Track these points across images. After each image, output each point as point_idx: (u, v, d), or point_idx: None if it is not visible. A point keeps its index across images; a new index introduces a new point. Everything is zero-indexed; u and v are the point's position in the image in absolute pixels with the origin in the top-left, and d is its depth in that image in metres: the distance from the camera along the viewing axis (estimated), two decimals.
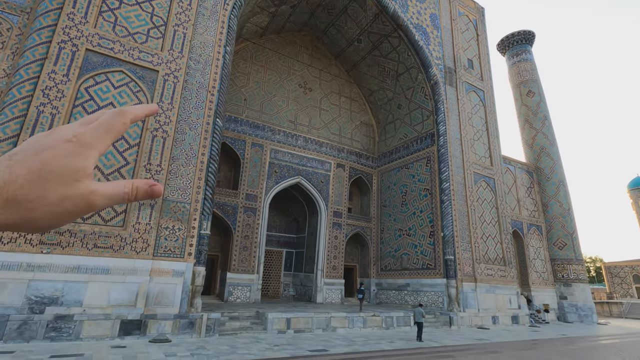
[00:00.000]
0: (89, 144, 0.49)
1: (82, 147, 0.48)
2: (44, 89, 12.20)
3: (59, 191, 0.45)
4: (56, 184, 0.45)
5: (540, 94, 34.87)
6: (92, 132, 0.50)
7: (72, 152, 0.47)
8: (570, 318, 27.96)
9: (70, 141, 0.48)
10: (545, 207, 31.65)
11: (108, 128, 0.51)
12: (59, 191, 0.45)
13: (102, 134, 0.51)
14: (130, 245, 12.36)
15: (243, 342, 12.07)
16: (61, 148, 0.47)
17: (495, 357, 11.15)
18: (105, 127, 0.51)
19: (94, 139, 0.50)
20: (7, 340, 9.91)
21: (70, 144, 0.48)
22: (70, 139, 0.48)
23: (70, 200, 0.46)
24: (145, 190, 0.54)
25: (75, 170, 0.47)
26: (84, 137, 0.49)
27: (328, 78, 29.17)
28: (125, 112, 0.54)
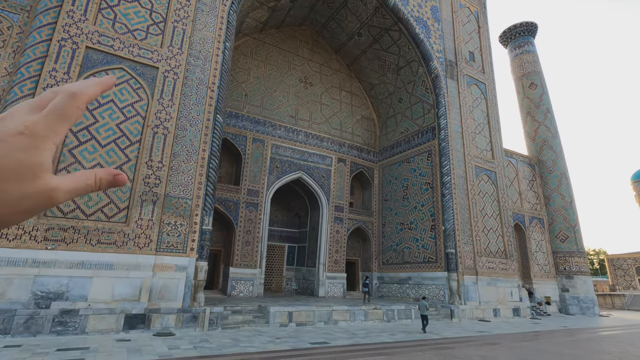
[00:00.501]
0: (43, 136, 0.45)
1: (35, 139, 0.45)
2: (45, 87, 12.28)
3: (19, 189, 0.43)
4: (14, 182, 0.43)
5: (543, 86, 34.62)
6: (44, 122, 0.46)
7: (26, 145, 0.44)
8: (572, 310, 28.06)
9: (22, 133, 0.44)
10: (547, 200, 31.60)
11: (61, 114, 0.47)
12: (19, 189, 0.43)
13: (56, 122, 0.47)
14: (133, 240, 12.53)
15: (245, 335, 12.25)
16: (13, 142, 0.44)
17: (494, 349, 11.28)
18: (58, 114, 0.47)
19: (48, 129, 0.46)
20: (14, 335, 10.13)
21: (23, 137, 0.44)
22: (22, 130, 0.44)
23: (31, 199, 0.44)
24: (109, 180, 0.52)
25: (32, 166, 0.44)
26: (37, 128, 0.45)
27: (328, 72, 29.09)
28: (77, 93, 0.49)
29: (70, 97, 0.48)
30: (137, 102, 13.95)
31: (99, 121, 13.03)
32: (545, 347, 11.96)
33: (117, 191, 12.76)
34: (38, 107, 0.48)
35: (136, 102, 13.94)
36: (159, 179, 13.55)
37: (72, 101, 0.48)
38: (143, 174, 13.28)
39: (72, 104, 0.48)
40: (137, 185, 13.09)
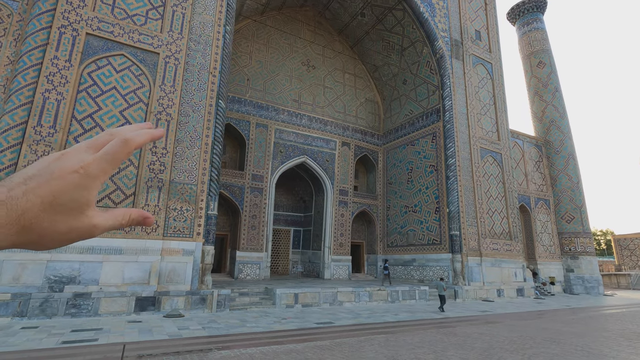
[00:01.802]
0: (95, 176, 0.52)
1: (88, 179, 0.51)
2: (48, 75, 12.34)
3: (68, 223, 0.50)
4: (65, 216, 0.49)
5: (551, 64, 33.80)
6: (97, 164, 0.52)
7: (79, 184, 0.50)
8: (576, 290, 28.25)
9: (77, 172, 0.50)
10: (554, 181, 31.35)
11: (112, 159, 0.53)
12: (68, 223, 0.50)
13: (107, 164, 0.53)
14: (141, 226, 12.77)
15: (252, 316, 12.61)
16: (69, 179, 0.50)
17: (493, 327, 11.50)
18: (110, 158, 0.53)
19: (99, 170, 0.52)
20: (30, 317, 10.56)
21: (77, 175, 0.50)
22: (77, 169, 0.50)
23: (76, 231, 0.51)
24: (138, 221, 0.58)
25: (81, 204, 0.51)
26: (90, 169, 0.51)
27: (331, 55, 28.66)
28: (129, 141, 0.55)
29: (123, 143, 0.54)
30: (139, 89, 13.97)
31: (102, 108, 13.12)
32: (546, 325, 12.15)
33: (123, 178, 12.95)
34: (94, 147, 0.54)
35: (138, 89, 13.96)
36: (164, 165, 13.70)
37: (124, 147, 0.54)
38: (148, 161, 13.43)
39: (123, 150, 0.54)
40: (143, 172, 13.27)
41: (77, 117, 12.68)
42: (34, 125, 11.84)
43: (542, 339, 9.67)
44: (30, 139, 11.69)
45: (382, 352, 7.88)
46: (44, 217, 0.48)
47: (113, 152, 0.53)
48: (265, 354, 7.50)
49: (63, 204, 0.49)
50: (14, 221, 0.46)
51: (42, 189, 0.48)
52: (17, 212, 0.46)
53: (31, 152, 11.63)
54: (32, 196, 0.47)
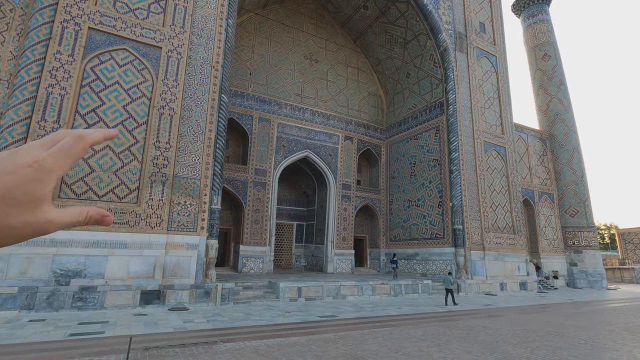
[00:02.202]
0: (49, 170, 0.51)
1: (42, 172, 0.50)
2: (51, 69, 12.35)
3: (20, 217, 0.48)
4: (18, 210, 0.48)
5: (557, 57, 33.43)
6: (52, 158, 0.51)
7: (33, 178, 0.49)
8: (580, 284, 28.23)
9: (31, 166, 0.49)
10: (558, 175, 31.19)
11: (68, 152, 0.53)
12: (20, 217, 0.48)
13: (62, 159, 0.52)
14: (145, 220, 12.88)
15: (256, 309, 12.71)
16: (22, 173, 0.49)
17: (496, 320, 11.53)
18: (65, 152, 0.53)
19: (54, 164, 0.51)
20: (38, 310, 10.70)
21: (31, 170, 0.49)
22: (31, 164, 0.49)
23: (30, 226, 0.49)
24: (97, 219, 0.57)
25: (35, 198, 0.49)
26: (45, 163, 0.50)
27: (334, 48, 28.47)
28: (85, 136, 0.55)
29: (79, 138, 0.55)
30: (142, 84, 13.96)
31: (106, 103, 13.13)
32: (549, 319, 12.17)
33: (127, 172, 13.00)
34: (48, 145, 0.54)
35: (141, 84, 13.95)
36: (167, 159, 13.74)
37: (79, 142, 0.54)
38: (151, 155, 13.46)
39: (79, 144, 0.54)
40: (146, 167, 13.31)
41: (80, 112, 12.71)
42: (38, 120, 11.88)
43: (545, 332, 9.69)
44: (34, 134, 11.74)
45: (386, 344, 7.93)
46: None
47: (68, 147, 0.53)
48: (270, 346, 7.57)
49: (15, 198, 0.48)
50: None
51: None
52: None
53: None
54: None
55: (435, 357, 7.01)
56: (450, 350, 7.58)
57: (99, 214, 0.57)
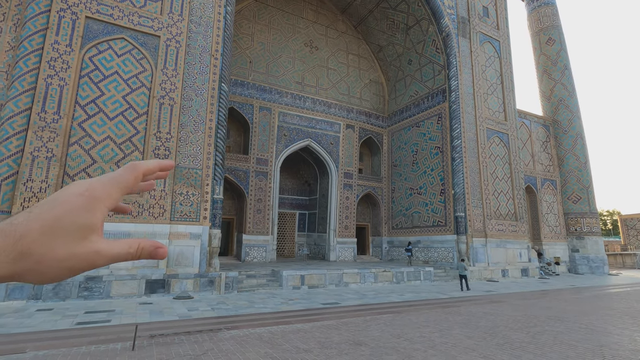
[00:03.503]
0: (99, 198, 0.50)
1: (92, 201, 0.49)
2: (49, 60, 12.25)
3: (67, 248, 0.47)
4: (66, 240, 0.47)
5: (561, 41, 32.83)
6: (102, 186, 0.51)
7: (83, 206, 0.49)
8: (581, 270, 28.36)
9: (82, 195, 0.49)
10: (561, 161, 31.00)
11: (119, 182, 0.53)
12: (67, 248, 0.47)
13: (113, 188, 0.52)
14: (148, 210, 12.94)
15: (260, 297, 12.86)
16: (73, 202, 0.48)
17: (497, 306, 11.63)
18: (116, 182, 0.52)
19: (104, 193, 0.51)
20: (45, 299, 10.87)
21: (82, 198, 0.49)
22: (82, 192, 0.49)
23: (76, 258, 0.48)
24: (149, 252, 0.54)
25: (84, 227, 0.48)
26: (95, 191, 0.50)
27: (335, 35, 28.06)
28: (137, 167, 0.55)
29: (131, 168, 0.55)
30: (141, 73, 13.85)
31: (105, 93, 13.06)
32: (550, 304, 12.27)
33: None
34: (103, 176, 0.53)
35: (140, 73, 13.84)
36: (168, 150, 13.72)
37: (131, 172, 0.54)
38: (152, 146, 13.45)
39: (130, 174, 0.54)
40: (148, 157, 13.30)
41: (80, 102, 12.65)
42: (38, 111, 11.84)
43: (546, 318, 9.77)
44: (35, 125, 11.72)
45: (388, 330, 8.03)
46: (43, 242, 0.46)
47: (120, 177, 0.53)
48: (274, 333, 7.68)
49: (64, 227, 0.47)
50: (10, 247, 0.44)
51: (45, 214, 0.47)
52: (15, 238, 0.45)
53: (37, 139, 11.68)
54: (32, 222, 0.46)
55: (437, 342, 7.10)
56: (452, 335, 7.66)
57: (152, 247, 0.54)
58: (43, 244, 0.46)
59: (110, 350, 6.25)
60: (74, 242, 0.47)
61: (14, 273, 0.45)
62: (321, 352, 6.30)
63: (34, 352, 6.02)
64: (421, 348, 6.68)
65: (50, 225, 0.46)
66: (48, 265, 0.46)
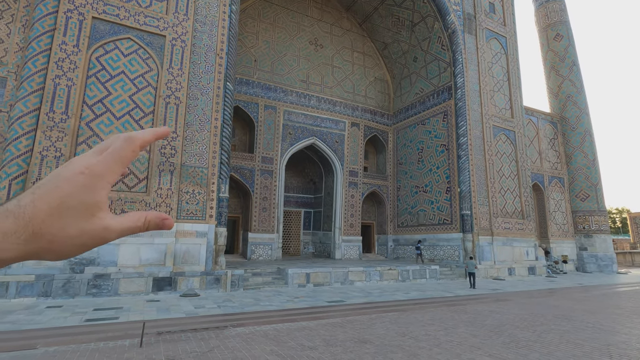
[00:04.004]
0: (100, 175, 0.51)
1: (93, 178, 0.50)
2: (57, 60, 12.40)
3: (78, 226, 0.49)
4: (74, 219, 0.48)
5: (569, 37, 32.40)
6: (102, 163, 0.52)
7: (85, 184, 0.49)
8: (589, 268, 28.07)
9: (82, 173, 0.50)
10: (569, 159, 30.67)
11: (118, 157, 0.53)
12: (78, 226, 0.49)
13: (113, 163, 0.52)
14: (154, 209, 13.06)
15: (265, 295, 12.94)
16: (76, 181, 0.49)
17: (504, 305, 11.58)
18: (115, 157, 0.53)
19: (105, 169, 0.51)
20: (55, 297, 11.04)
21: (83, 177, 0.50)
22: (83, 170, 0.50)
23: (87, 234, 0.49)
24: (156, 223, 0.56)
25: (90, 205, 0.49)
26: (95, 169, 0.51)
27: (339, 33, 27.99)
28: (134, 138, 0.55)
29: (128, 140, 0.54)
30: (147, 73, 13.96)
31: (112, 93, 13.19)
32: (557, 303, 12.17)
33: (135, 162, 13.14)
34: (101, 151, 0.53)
35: (146, 73, 13.95)
36: (175, 149, 13.83)
37: (128, 145, 0.54)
38: (159, 145, 13.56)
39: (128, 147, 0.54)
40: (154, 156, 13.43)
41: (87, 102, 12.79)
42: (47, 111, 12.00)
43: (553, 316, 9.71)
44: (43, 125, 11.88)
45: (393, 328, 8.04)
46: (52, 222, 0.47)
47: (118, 150, 0.53)
48: (279, 330, 7.73)
49: (71, 207, 0.48)
50: (21, 228, 0.46)
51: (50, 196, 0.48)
52: (25, 220, 0.46)
53: (45, 139, 11.84)
54: (39, 203, 0.47)
55: (442, 340, 7.10)
56: (457, 334, 7.65)
57: (158, 218, 0.56)
58: (53, 224, 0.47)
59: (118, 346, 6.35)
60: (83, 220, 0.49)
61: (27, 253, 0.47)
62: (326, 350, 6.34)
63: (45, 348, 6.14)
64: (426, 346, 6.68)
65: (57, 206, 0.47)
66: (61, 243, 0.48)
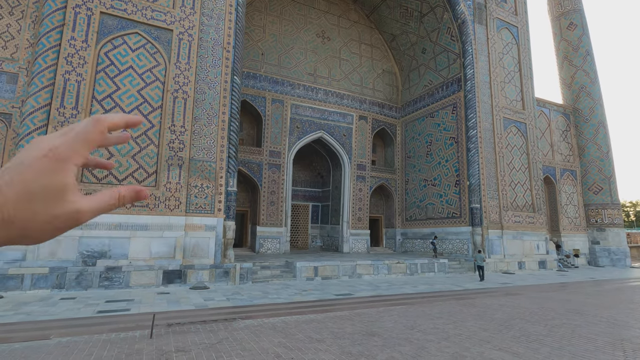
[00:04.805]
0: (65, 157, 0.48)
1: (58, 161, 0.48)
2: (67, 56, 12.51)
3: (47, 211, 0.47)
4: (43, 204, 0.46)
5: (583, 25, 31.52)
6: (67, 144, 0.49)
7: (49, 169, 0.47)
8: (602, 262, 27.63)
9: (46, 156, 0.47)
10: (582, 151, 30.05)
11: (84, 138, 0.50)
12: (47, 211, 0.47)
13: (78, 144, 0.50)
14: (164, 203, 13.20)
15: (274, 288, 13.03)
16: (38, 165, 0.47)
17: (513, 299, 11.46)
18: (81, 137, 0.50)
19: (70, 151, 0.49)
20: (68, 289, 11.28)
21: (46, 160, 0.47)
22: (46, 153, 0.47)
23: (59, 219, 0.48)
24: (131, 196, 0.55)
25: (56, 190, 0.47)
26: (59, 151, 0.48)
27: (347, 25, 27.67)
28: (101, 119, 0.53)
29: (95, 121, 0.52)
30: (155, 67, 14.01)
31: (121, 88, 13.28)
32: (568, 297, 12.01)
33: (144, 157, 13.26)
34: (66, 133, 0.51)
35: (154, 67, 14.00)
36: (183, 143, 13.90)
37: (95, 125, 0.51)
38: (167, 139, 13.65)
39: (95, 128, 0.51)
40: (163, 151, 13.53)
41: (97, 97, 12.91)
42: (57, 107, 12.15)
43: (564, 311, 9.58)
44: (54, 120, 12.04)
45: (401, 322, 8.02)
46: (22, 208, 0.45)
47: (84, 132, 0.50)
48: (287, 323, 7.78)
49: (37, 192, 0.46)
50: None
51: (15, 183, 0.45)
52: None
53: None
54: (5, 189, 0.45)
55: (451, 334, 7.06)
56: (467, 327, 7.60)
57: (132, 191, 0.54)
58: (22, 209, 0.45)
59: (129, 337, 6.45)
60: (52, 205, 0.47)
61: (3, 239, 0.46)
62: (334, 342, 6.35)
63: (58, 339, 6.27)
64: (435, 339, 6.65)
65: (23, 192, 0.45)
66: (34, 228, 0.46)
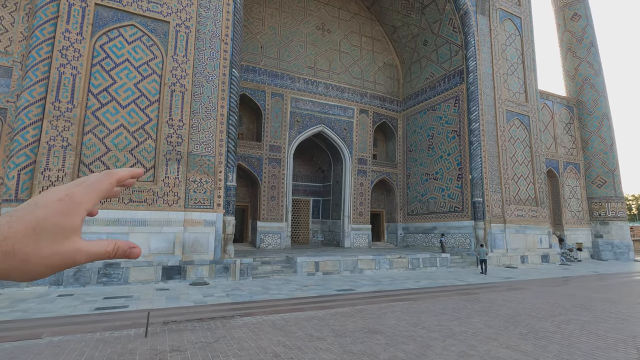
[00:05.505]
0: (79, 202, 0.53)
1: (72, 205, 0.53)
2: (61, 49, 12.24)
3: (51, 247, 0.50)
4: (48, 241, 0.50)
5: (587, 16, 31.03)
6: (82, 192, 0.55)
7: (63, 210, 0.52)
8: (605, 256, 27.46)
9: (61, 200, 0.52)
10: (585, 144, 29.73)
11: (97, 188, 0.57)
12: (51, 247, 0.50)
13: (91, 193, 0.56)
14: (163, 198, 13.01)
15: (274, 284, 12.87)
16: (53, 206, 0.51)
17: (518, 294, 11.28)
18: (94, 187, 0.56)
19: (84, 198, 0.54)
20: (66, 285, 11.14)
21: (62, 203, 0.52)
22: (62, 197, 0.52)
23: (59, 255, 0.51)
24: (124, 251, 0.57)
25: (65, 229, 0.51)
26: (75, 196, 0.53)
27: (347, 17, 27.25)
28: (112, 173, 0.60)
29: (107, 174, 0.60)
30: (152, 60, 13.73)
31: (117, 82, 13.02)
32: (573, 292, 11.83)
33: (142, 151, 13.04)
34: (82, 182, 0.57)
35: (151, 60, 13.72)
36: (181, 137, 13.67)
37: (107, 178, 0.59)
38: (165, 133, 13.42)
39: (106, 180, 0.59)
40: (161, 145, 13.30)
41: (93, 91, 12.66)
42: (52, 100, 11.91)
43: (571, 306, 9.40)
44: (50, 114, 11.81)
45: (404, 318, 7.85)
46: (28, 242, 0.48)
47: (98, 183, 0.57)
48: (287, 320, 7.60)
49: (46, 229, 0.50)
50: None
51: (26, 218, 0.49)
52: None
53: (52, 128, 11.78)
54: (15, 224, 0.49)
55: (456, 331, 6.88)
56: (471, 324, 7.42)
57: (127, 246, 0.58)
58: (28, 243, 0.48)
59: (123, 336, 6.29)
60: (58, 242, 0.51)
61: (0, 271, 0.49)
62: (335, 341, 6.18)
63: (50, 338, 6.11)
64: (439, 337, 6.47)
65: (33, 227, 0.49)
66: (34, 262, 0.49)
